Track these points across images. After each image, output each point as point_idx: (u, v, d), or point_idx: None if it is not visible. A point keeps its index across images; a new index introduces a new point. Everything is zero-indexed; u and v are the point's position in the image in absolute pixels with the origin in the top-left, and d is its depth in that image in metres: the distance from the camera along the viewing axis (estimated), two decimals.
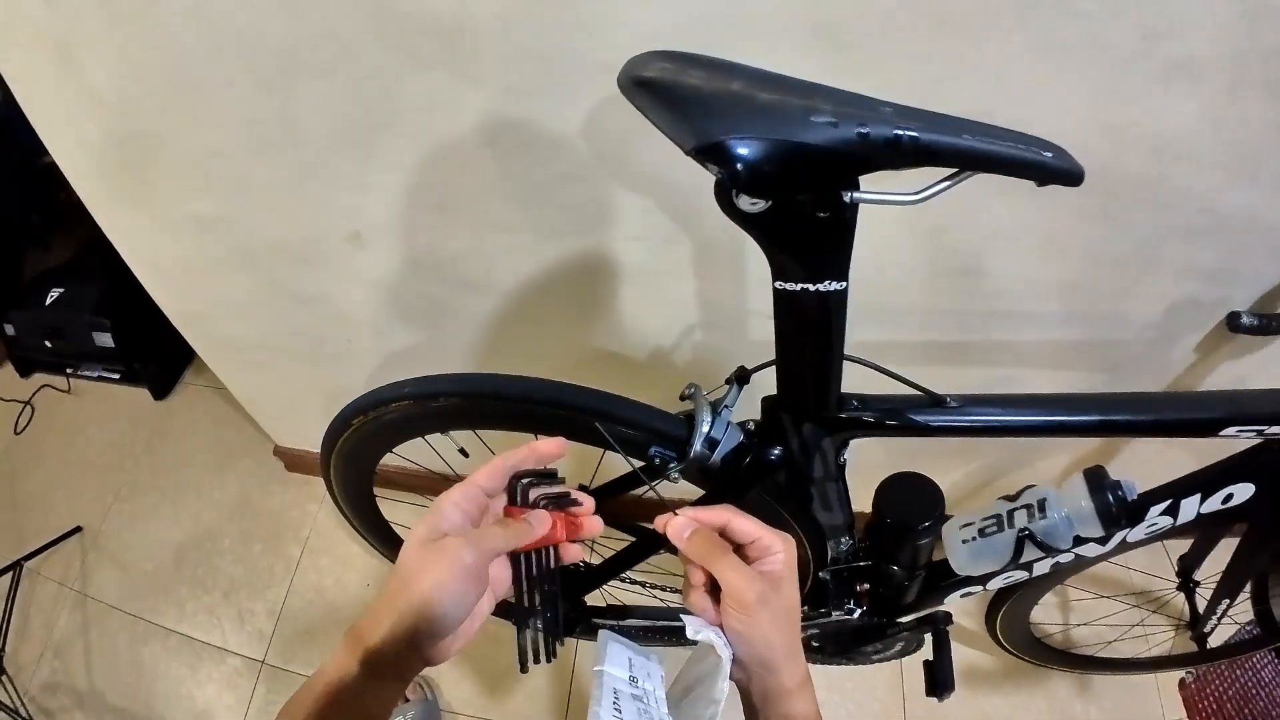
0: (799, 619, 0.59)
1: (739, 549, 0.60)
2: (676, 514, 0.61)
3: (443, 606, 0.51)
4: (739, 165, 0.48)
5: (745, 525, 0.60)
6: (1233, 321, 1.01)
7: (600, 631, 0.61)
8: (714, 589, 0.59)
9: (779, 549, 0.58)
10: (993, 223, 0.94)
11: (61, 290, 1.97)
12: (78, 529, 1.82)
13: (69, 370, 2.11)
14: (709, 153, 0.48)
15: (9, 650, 1.61)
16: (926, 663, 1.10)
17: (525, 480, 0.61)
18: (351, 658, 0.50)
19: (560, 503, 0.61)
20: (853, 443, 0.83)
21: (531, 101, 0.87)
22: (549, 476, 0.62)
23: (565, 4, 0.77)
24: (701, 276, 1.06)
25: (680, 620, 0.58)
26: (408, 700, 1.49)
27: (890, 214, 0.54)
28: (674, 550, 0.62)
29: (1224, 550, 1.15)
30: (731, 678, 0.57)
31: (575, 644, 1.58)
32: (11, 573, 1.67)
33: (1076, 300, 1.06)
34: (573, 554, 0.63)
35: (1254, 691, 1.58)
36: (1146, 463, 1.07)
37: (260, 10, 0.82)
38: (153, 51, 0.89)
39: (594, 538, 0.64)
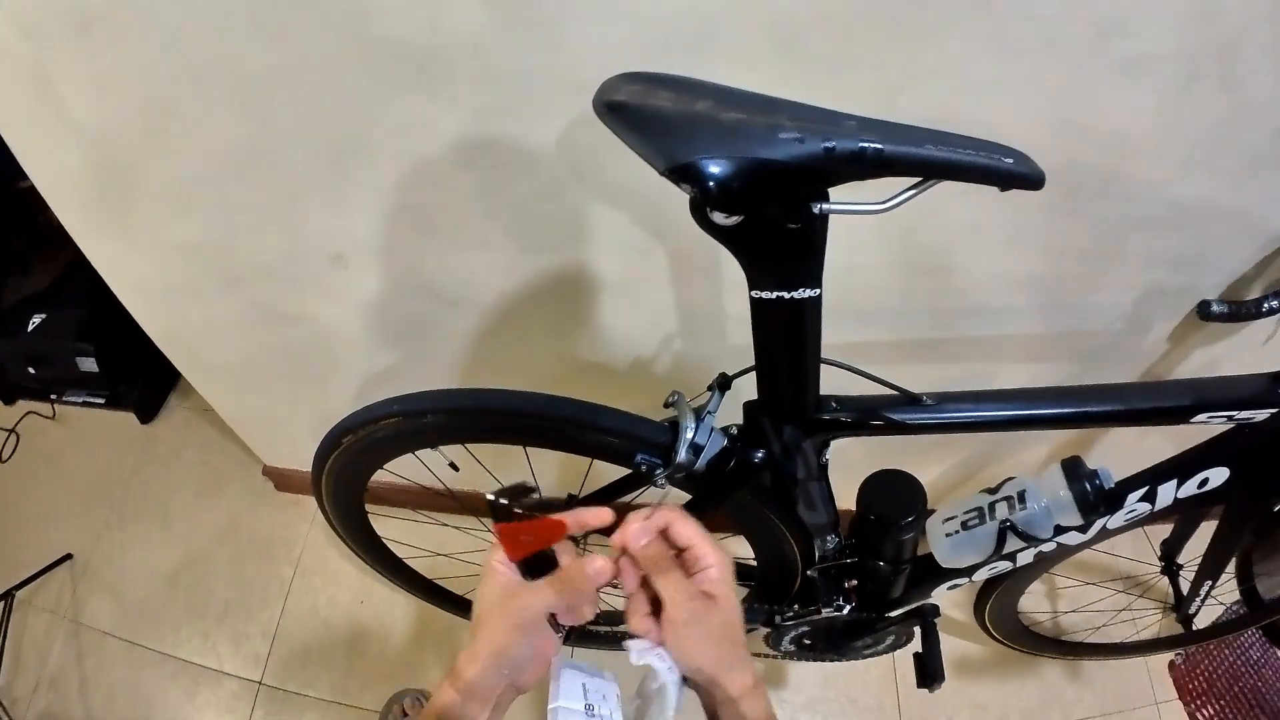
0: (738, 632, 0.60)
1: (678, 556, 0.61)
2: (630, 522, 0.62)
3: (515, 651, 0.59)
4: (710, 183, 0.50)
5: (685, 530, 0.61)
6: (1203, 310, 1.03)
7: (553, 661, 0.62)
8: (657, 609, 0.60)
9: (711, 562, 0.60)
10: (961, 221, 0.96)
11: (44, 316, 1.95)
12: (68, 557, 1.80)
13: (53, 397, 2.09)
14: (680, 173, 0.50)
15: (3, 682, 1.60)
16: (916, 655, 1.12)
17: (503, 501, 0.62)
18: (453, 690, 0.58)
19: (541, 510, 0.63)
20: (835, 443, 0.84)
21: (504, 121, 0.88)
22: (522, 491, 0.63)
23: (533, 27, 0.78)
24: (679, 285, 1.08)
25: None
26: (406, 716, 1.49)
27: (860, 218, 0.56)
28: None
29: (1206, 532, 1.17)
30: (688, 684, 0.60)
31: (570, 650, 1.59)
32: (2, 603, 1.66)
33: (1046, 293, 1.08)
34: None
35: (1243, 670, 1.61)
36: (1126, 450, 1.09)
37: (238, 39, 0.83)
38: (132, 80, 0.89)
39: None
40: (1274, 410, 0.80)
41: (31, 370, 1.99)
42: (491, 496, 0.62)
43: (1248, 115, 0.83)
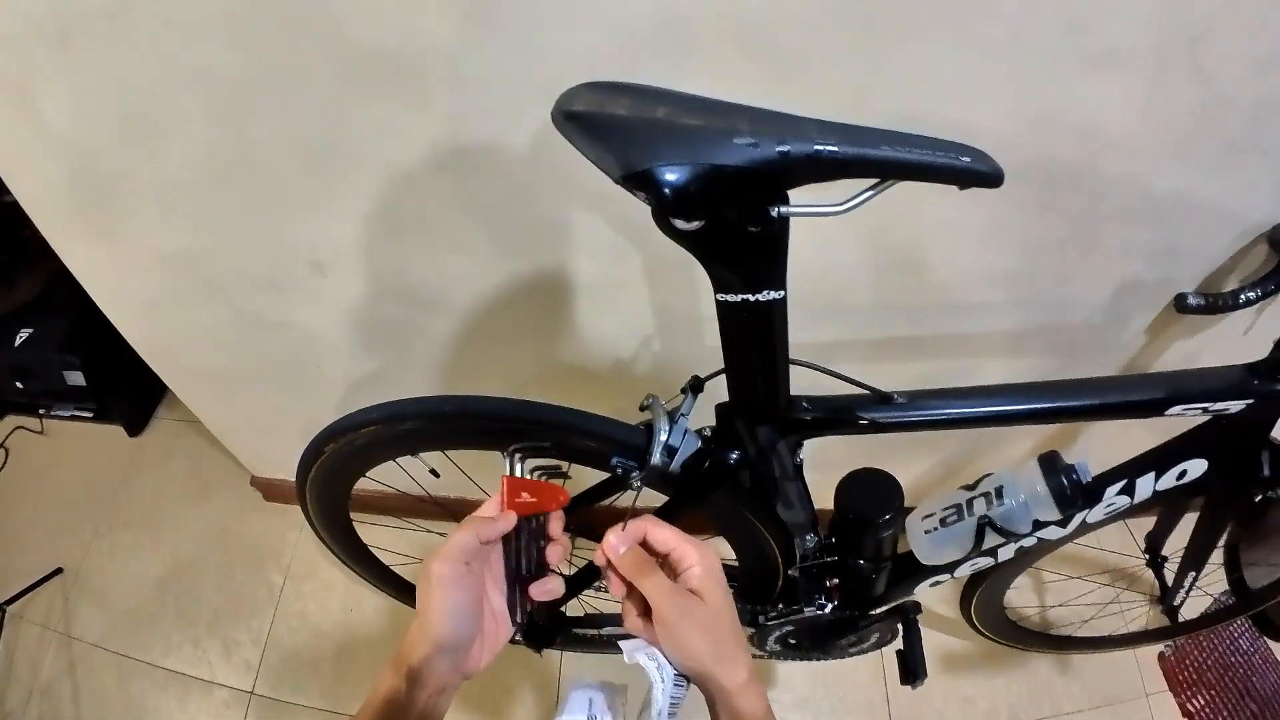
0: (729, 625, 0.61)
1: (664, 560, 0.63)
2: (607, 535, 0.64)
3: (449, 619, 0.60)
4: (665, 190, 0.50)
5: (662, 535, 0.63)
6: (1180, 303, 1.03)
7: (567, 682, 0.66)
8: (648, 609, 0.61)
9: (694, 560, 0.61)
10: (933, 218, 0.96)
11: (30, 330, 1.94)
12: (58, 570, 1.80)
13: (41, 411, 2.09)
14: (635, 180, 0.50)
15: None
16: (899, 652, 1.12)
17: (519, 451, 0.68)
18: (398, 676, 0.58)
19: (551, 473, 0.70)
20: (816, 443, 0.85)
21: (479, 127, 0.88)
22: (541, 448, 0.69)
23: (506, 33, 0.78)
24: (654, 287, 1.08)
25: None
26: None
27: (833, 218, 0.56)
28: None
29: (1190, 524, 1.17)
30: (689, 681, 0.61)
31: (559, 656, 1.59)
32: None
33: (1022, 288, 1.08)
34: (555, 529, 0.71)
35: (1233, 659, 1.61)
36: (1110, 444, 1.09)
37: (215, 47, 0.83)
38: (109, 90, 0.89)
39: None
40: (1249, 401, 0.80)
41: (19, 384, 1.98)
42: (516, 452, 0.68)
43: (1219, 107, 0.83)
